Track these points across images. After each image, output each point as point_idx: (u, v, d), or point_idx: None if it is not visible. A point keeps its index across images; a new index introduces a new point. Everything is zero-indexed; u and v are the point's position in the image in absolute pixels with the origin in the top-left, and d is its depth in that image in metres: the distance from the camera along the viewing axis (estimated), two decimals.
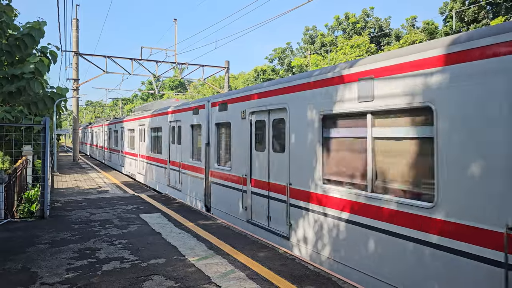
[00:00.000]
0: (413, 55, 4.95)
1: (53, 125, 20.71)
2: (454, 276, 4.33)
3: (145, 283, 5.15)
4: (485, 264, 4.01)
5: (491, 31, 4.14)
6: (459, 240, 4.29)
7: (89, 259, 6.15)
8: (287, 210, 7.43)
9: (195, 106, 12.38)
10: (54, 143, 23.48)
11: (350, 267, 5.81)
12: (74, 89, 29.21)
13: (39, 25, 14.22)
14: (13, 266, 5.80)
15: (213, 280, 5.28)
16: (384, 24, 53.17)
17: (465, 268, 4.21)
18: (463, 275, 4.24)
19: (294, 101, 7.30)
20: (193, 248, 6.80)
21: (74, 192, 14.71)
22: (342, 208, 6.03)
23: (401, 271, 4.97)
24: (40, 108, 15.29)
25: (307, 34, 58.69)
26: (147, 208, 10.64)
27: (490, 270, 3.96)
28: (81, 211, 10.23)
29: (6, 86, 13.62)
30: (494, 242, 3.94)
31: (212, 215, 9.73)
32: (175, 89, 78.60)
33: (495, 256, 3.92)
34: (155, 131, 17.44)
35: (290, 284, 5.16)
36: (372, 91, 5.50)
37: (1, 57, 13.88)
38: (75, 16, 30.48)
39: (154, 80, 36.60)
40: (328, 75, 6.42)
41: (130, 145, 22.41)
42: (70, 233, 7.77)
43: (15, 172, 11.91)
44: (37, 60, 13.88)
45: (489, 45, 4.09)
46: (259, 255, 6.38)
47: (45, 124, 9.21)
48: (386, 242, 5.20)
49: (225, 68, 35.64)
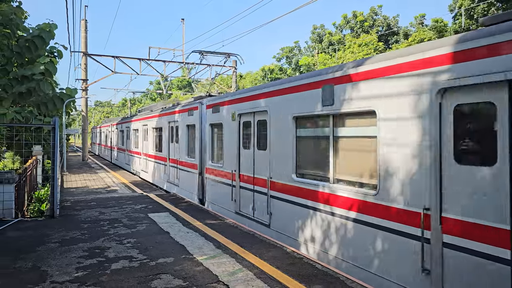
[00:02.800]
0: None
1: (62, 125, 20.91)
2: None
3: (154, 282, 5.19)
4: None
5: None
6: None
7: (98, 258, 6.20)
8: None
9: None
10: (63, 143, 23.70)
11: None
12: (83, 90, 29.45)
13: (49, 27, 14.36)
14: (23, 264, 5.88)
15: (221, 279, 5.30)
16: (392, 22, 52.80)
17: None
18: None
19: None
20: (201, 247, 6.83)
21: (83, 192, 14.84)
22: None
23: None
24: (50, 109, 15.46)
25: (315, 33, 58.49)
26: (155, 208, 10.70)
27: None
28: (90, 210, 10.32)
29: (16, 87, 13.78)
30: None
31: (215, 213, 9.76)
32: (183, 89, 78.82)
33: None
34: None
35: (298, 283, 5.16)
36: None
37: (12, 58, 14.05)
38: (84, 17, 30.74)
39: (162, 80, 36.74)
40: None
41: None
42: (80, 232, 7.84)
43: (26, 172, 12.05)
44: (47, 61, 14.02)
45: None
46: (267, 254, 6.39)
47: (54, 124, 9.30)
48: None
49: (233, 68, 35.67)
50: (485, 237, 4.12)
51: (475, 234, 4.22)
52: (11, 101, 13.94)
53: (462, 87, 4.39)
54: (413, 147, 4.92)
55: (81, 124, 34.83)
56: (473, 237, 4.24)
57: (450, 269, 4.48)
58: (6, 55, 13.45)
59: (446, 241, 4.51)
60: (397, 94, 5.18)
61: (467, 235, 4.29)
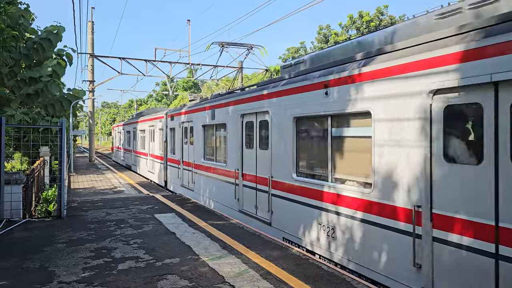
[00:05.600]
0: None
1: (69, 127, 21.07)
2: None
3: (160, 282, 5.21)
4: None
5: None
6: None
7: (105, 258, 6.24)
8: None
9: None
10: (70, 144, 23.87)
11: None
12: (90, 91, 29.63)
13: (57, 30, 14.49)
14: (31, 265, 5.93)
15: (227, 280, 5.31)
16: (398, 22, 52.61)
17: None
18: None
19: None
20: (207, 247, 6.84)
21: (90, 193, 14.94)
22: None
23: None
24: (57, 110, 15.60)
25: (320, 33, 58.36)
26: (161, 208, 10.74)
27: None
28: (97, 211, 10.38)
29: (24, 89, 13.92)
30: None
31: (222, 214, 9.78)
32: (188, 90, 79.01)
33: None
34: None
35: (304, 284, 5.16)
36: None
37: (20, 60, 14.19)
38: (90, 19, 30.93)
39: (168, 81, 36.85)
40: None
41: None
42: (87, 233, 7.90)
43: (33, 173, 12.14)
44: (55, 63, 14.14)
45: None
46: (273, 255, 6.39)
47: (62, 125, 9.37)
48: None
49: (238, 69, 35.69)
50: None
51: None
52: (19, 103, 14.09)
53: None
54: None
55: (87, 125, 35.01)
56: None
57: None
58: (14, 57, 13.59)
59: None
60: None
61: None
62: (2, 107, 13.00)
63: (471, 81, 4.28)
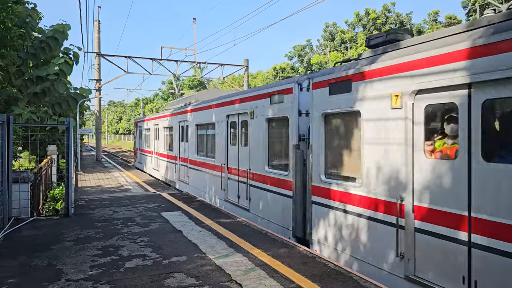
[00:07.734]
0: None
1: (76, 125, 21.19)
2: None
3: (167, 280, 5.22)
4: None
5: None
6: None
7: (112, 256, 6.26)
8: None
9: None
10: (77, 143, 24.01)
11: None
12: (97, 90, 29.78)
13: (63, 28, 14.54)
14: (39, 263, 5.96)
15: (233, 278, 5.30)
16: (405, 19, 52.18)
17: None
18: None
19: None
20: (213, 246, 6.85)
21: (97, 191, 15.02)
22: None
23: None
24: (64, 109, 15.67)
25: (327, 31, 58.07)
26: (168, 206, 10.76)
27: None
28: (104, 209, 10.43)
29: (31, 88, 13.99)
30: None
31: (228, 212, 9.78)
32: (194, 88, 79.09)
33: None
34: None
35: (310, 282, 5.14)
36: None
37: (27, 60, 14.26)
38: (97, 18, 31.06)
39: (174, 80, 36.93)
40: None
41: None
42: (94, 231, 7.93)
43: (41, 171, 12.23)
44: (61, 62, 14.19)
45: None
46: (279, 253, 6.38)
47: (69, 124, 9.41)
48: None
49: (244, 67, 35.67)
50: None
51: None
52: (26, 102, 14.16)
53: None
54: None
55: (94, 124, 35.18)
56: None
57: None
58: (21, 56, 13.66)
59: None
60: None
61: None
62: (10, 106, 13.08)
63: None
